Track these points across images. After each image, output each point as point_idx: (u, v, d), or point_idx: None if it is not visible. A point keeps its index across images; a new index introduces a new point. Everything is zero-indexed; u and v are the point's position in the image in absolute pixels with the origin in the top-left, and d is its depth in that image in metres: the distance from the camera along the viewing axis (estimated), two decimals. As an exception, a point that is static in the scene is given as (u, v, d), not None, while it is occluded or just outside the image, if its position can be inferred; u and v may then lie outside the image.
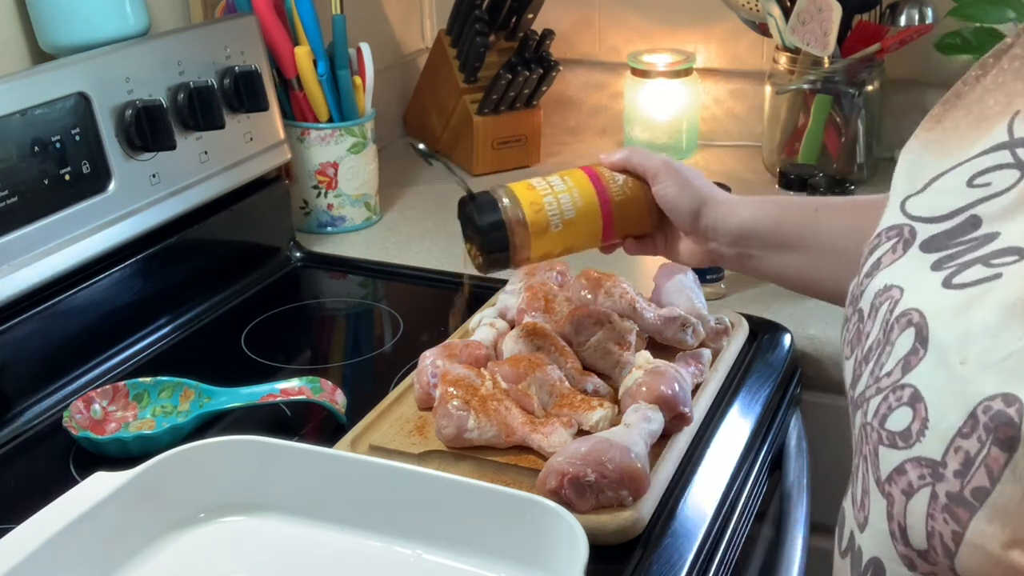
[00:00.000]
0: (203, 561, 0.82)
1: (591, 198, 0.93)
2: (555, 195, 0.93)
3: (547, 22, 1.73)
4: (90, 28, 1.17)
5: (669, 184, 0.93)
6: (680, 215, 0.93)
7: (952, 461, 0.52)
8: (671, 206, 0.93)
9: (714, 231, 0.93)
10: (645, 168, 0.94)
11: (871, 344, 0.61)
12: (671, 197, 0.93)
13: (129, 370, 1.15)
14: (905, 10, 1.57)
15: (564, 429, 0.91)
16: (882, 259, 0.64)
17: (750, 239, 0.92)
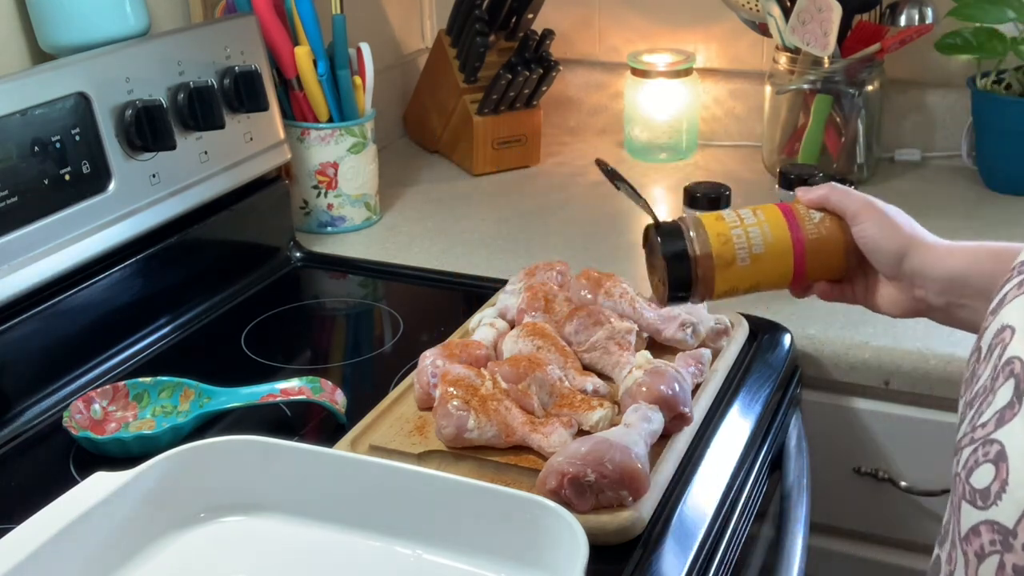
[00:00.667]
0: (203, 561, 0.82)
1: (783, 234, 0.87)
2: (744, 228, 0.87)
3: (547, 22, 1.73)
4: (90, 28, 1.17)
5: (871, 224, 0.85)
6: (883, 258, 0.85)
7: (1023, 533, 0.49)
8: (872, 247, 0.85)
9: (921, 277, 0.84)
10: (845, 206, 0.86)
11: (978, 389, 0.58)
12: (873, 237, 0.85)
13: (129, 370, 1.15)
14: (905, 10, 1.57)
15: (564, 429, 0.91)
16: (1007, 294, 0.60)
17: (963, 288, 0.82)
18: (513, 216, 1.57)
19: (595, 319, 1.04)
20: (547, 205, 1.61)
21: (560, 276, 1.15)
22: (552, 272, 1.15)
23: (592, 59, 1.88)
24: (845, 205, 0.86)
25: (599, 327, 1.04)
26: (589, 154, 1.82)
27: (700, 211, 0.87)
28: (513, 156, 1.74)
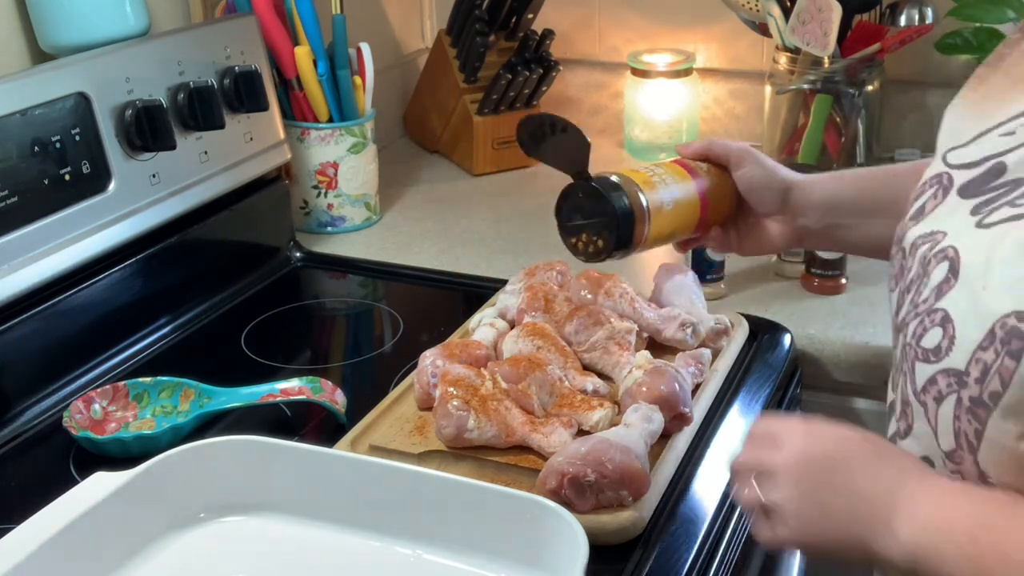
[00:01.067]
0: (203, 561, 0.82)
1: (689, 183, 0.94)
2: (661, 178, 0.92)
3: (547, 22, 1.73)
4: (90, 28, 1.17)
5: (753, 167, 0.94)
6: (768, 195, 0.94)
7: (973, 370, 0.61)
8: (758, 186, 0.94)
9: (803, 206, 0.94)
10: (728, 154, 0.95)
11: (912, 277, 0.70)
12: (757, 177, 0.94)
13: (129, 370, 1.15)
14: (905, 10, 1.57)
15: (564, 429, 0.91)
16: (926, 205, 0.72)
17: (839, 209, 0.93)
18: (513, 216, 1.57)
19: (595, 319, 1.04)
20: (547, 205, 1.59)
21: (560, 276, 1.15)
22: (552, 272, 1.15)
23: (592, 59, 1.88)
24: (728, 152, 0.94)
25: (599, 327, 1.04)
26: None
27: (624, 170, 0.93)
28: (513, 156, 1.74)
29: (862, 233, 0.94)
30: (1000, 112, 0.70)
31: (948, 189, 0.70)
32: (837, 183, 0.95)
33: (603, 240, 0.90)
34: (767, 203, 0.95)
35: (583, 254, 0.94)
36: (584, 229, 0.92)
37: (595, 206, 0.90)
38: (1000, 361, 0.60)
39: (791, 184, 0.94)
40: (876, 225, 0.93)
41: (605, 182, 0.91)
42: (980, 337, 0.61)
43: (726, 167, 0.96)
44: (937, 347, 0.64)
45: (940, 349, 0.64)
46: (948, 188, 0.70)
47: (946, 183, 0.71)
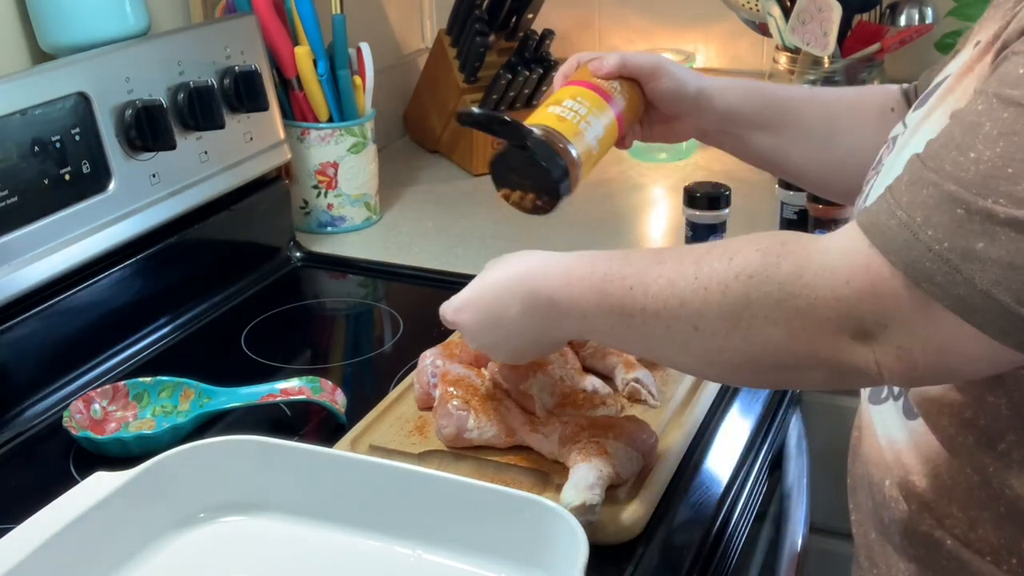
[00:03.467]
0: (203, 561, 0.82)
1: (608, 112, 0.95)
2: (585, 120, 0.94)
3: (547, 22, 1.73)
4: (90, 28, 1.17)
5: (664, 81, 0.97)
6: (677, 105, 0.98)
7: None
8: (673, 96, 0.98)
9: (703, 112, 0.99)
10: (641, 69, 0.98)
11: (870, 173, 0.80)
12: (669, 92, 0.97)
13: (129, 370, 1.15)
14: (905, 10, 1.57)
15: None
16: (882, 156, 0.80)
17: (734, 119, 0.99)
18: (513, 216, 1.56)
19: (595, 319, 1.04)
20: (547, 205, 1.61)
21: (560, 276, 1.15)
22: (552, 272, 1.15)
23: (592, 59, 1.87)
24: (641, 68, 0.97)
25: (599, 327, 1.04)
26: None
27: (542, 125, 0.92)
28: (513, 156, 1.74)
29: (751, 144, 1.01)
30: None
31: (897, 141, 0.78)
32: (740, 96, 0.99)
33: (544, 200, 0.95)
34: (675, 107, 0.99)
35: (521, 208, 0.97)
36: (521, 187, 0.95)
37: (532, 169, 0.92)
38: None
39: (698, 91, 0.98)
40: (761, 139, 1.00)
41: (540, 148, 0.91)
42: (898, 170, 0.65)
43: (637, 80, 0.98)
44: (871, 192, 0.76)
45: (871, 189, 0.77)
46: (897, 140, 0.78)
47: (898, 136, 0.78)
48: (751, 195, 1.57)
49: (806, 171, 1.02)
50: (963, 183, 0.59)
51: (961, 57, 0.75)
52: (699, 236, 1.30)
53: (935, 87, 0.76)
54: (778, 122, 0.99)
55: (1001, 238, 0.58)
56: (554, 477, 0.88)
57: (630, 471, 0.87)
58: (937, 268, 0.60)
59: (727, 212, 1.31)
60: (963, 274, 0.59)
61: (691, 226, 1.31)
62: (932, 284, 0.60)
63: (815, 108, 1.00)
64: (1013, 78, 0.60)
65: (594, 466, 0.84)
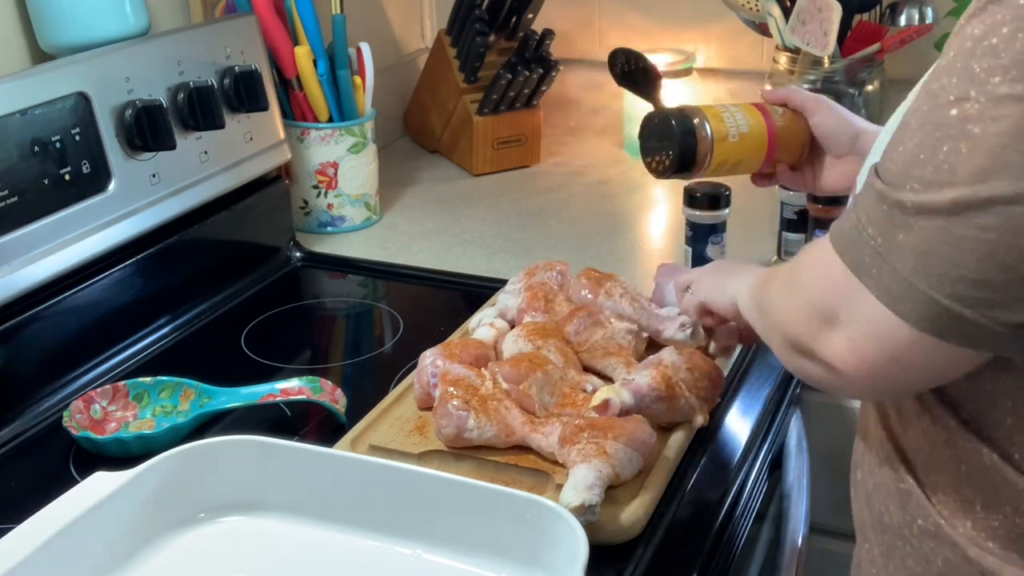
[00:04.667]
0: (203, 561, 0.82)
1: (759, 121, 1.06)
2: (731, 113, 1.06)
3: (547, 22, 1.73)
4: (90, 28, 1.17)
5: (828, 114, 1.05)
6: (840, 138, 1.04)
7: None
8: (831, 132, 1.05)
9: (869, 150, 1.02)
10: (804, 101, 1.06)
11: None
12: (831, 124, 1.05)
13: (129, 370, 1.15)
14: (905, 10, 1.57)
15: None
16: None
17: None
18: (513, 216, 1.57)
19: (595, 319, 1.04)
20: (547, 205, 1.61)
21: (560, 276, 1.15)
22: (552, 272, 1.15)
23: (592, 59, 1.87)
24: (805, 100, 1.07)
25: (599, 327, 1.04)
26: (589, 154, 1.82)
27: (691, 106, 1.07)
28: (513, 156, 1.74)
29: None
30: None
31: None
32: None
33: (669, 159, 1.04)
34: (839, 145, 1.05)
35: (655, 172, 1.07)
36: (657, 150, 1.06)
37: (665, 130, 1.04)
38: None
39: (862, 130, 1.04)
40: None
41: (675, 110, 1.05)
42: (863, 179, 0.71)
43: (802, 113, 1.07)
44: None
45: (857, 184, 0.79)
46: None
47: None
48: (751, 195, 1.56)
49: None
50: (887, 178, 0.64)
51: None
52: (699, 236, 1.30)
53: None
54: None
55: (914, 227, 0.62)
56: (554, 477, 0.88)
57: (630, 471, 0.87)
58: (873, 262, 0.64)
59: (727, 212, 1.31)
60: (888, 264, 0.63)
61: (691, 226, 1.31)
62: (869, 277, 0.65)
63: None
64: (937, 70, 0.63)
65: (594, 466, 0.84)
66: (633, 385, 0.94)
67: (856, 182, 0.80)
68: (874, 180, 0.65)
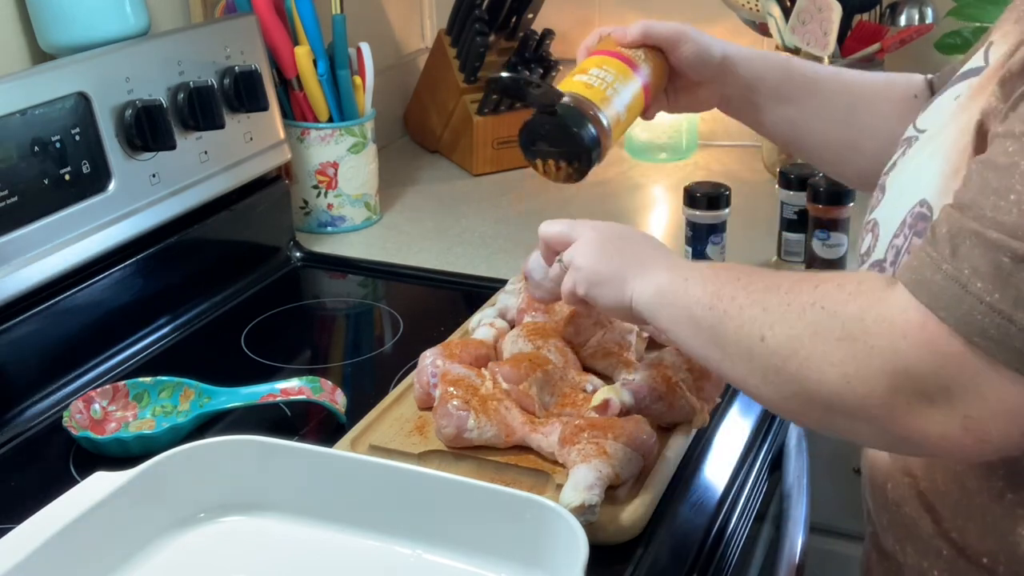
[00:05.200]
0: (203, 561, 0.82)
1: (635, 80, 0.96)
2: (613, 87, 0.94)
3: (547, 22, 1.73)
4: (90, 28, 1.17)
5: (689, 46, 0.97)
6: (702, 70, 0.98)
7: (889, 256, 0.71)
8: (697, 61, 0.97)
9: (728, 78, 0.98)
10: (665, 37, 0.98)
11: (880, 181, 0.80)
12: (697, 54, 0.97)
13: (129, 370, 1.15)
14: (905, 10, 1.57)
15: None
16: (897, 159, 0.79)
17: (758, 88, 0.98)
18: (513, 216, 1.57)
19: (595, 320, 1.04)
20: (547, 205, 1.61)
21: (560, 276, 1.15)
22: (552, 272, 1.15)
23: (592, 59, 1.87)
24: (665, 36, 0.98)
25: (599, 328, 1.04)
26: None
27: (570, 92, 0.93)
28: (513, 156, 1.74)
29: (774, 116, 0.99)
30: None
31: (911, 144, 0.77)
32: (764, 64, 0.99)
33: (576, 167, 0.94)
34: (700, 73, 0.98)
35: (554, 178, 0.96)
36: (551, 156, 0.94)
37: (563, 137, 0.92)
38: (908, 242, 0.68)
39: (723, 56, 0.98)
40: (781, 112, 0.98)
41: (571, 114, 0.91)
42: (894, 229, 0.70)
43: (661, 49, 0.99)
44: (868, 250, 0.75)
45: (869, 250, 0.74)
46: (911, 144, 0.78)
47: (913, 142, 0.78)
48: (751, 195, 1.57)
49: (823, 149, 1.00)
50: (1006, 228, 0.56)
51: (975, 60, 0.74)
52: (699, 236, 1.30)
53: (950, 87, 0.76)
54: (799, 94, 0.98)
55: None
56: (554, 477, 0.88)
57: (630, 471, 0.87)
58: (990, 321, 0.56)
59: (727, 212, 1.31)
60: (1016, 324, 0.55)
61: (691, 226, 1.31)
62: (986, 339, 0.56)
63: (838, 85, 0.99)
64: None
65: (593, 466, 0.84)
66: (633, 385, 0.94)
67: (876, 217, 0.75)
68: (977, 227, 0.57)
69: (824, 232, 1.28)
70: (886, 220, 0.72)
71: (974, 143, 0.65)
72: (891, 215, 0.71)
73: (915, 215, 0.68)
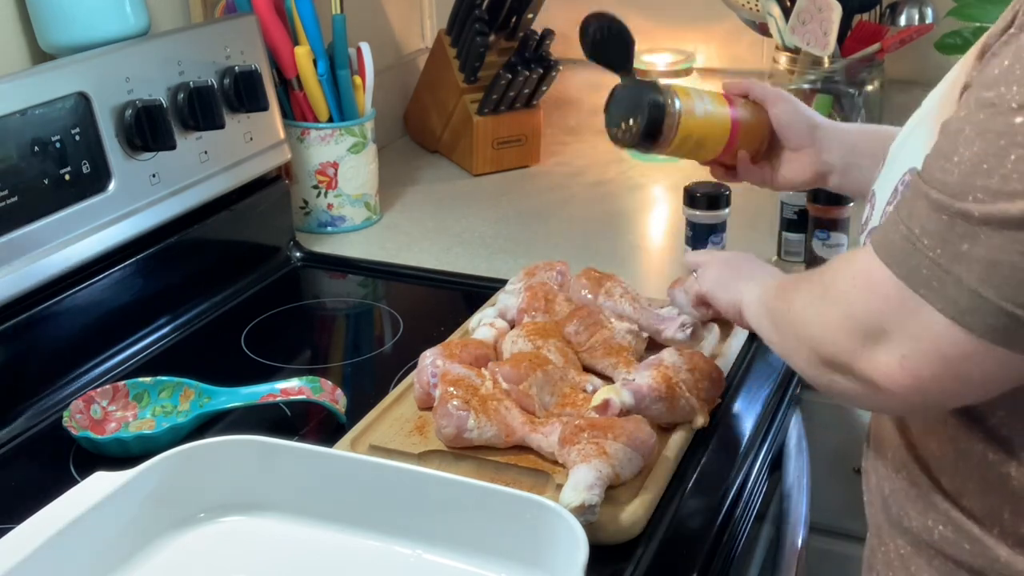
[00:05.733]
0: (203, 561, 0.82)
1: (724, 106, 1.08)
2: (699, 94, 1.07)
3: (547, 22, 1.73)
4: (90, 28, 1.17)
5: (786, 106, 1.07)
6: (797, 129, 1.06)
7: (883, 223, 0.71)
8: (788, 122, 1.07)
9: (827, 144, 1.05)
10: (765, 93, 1.08)
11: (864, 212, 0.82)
12: (789, 114, 1.07)
13: (129, 370, 1.15)
14: (905, 10, 1.57)
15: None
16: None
17: (857, 150, 1.04)
18: (513, 216, 1.57)
19: (595, 319, 1.04)
20: (547, 205, 1.61)
21: (560, 276, 1.15)
22: (552, 272, 1.15)
23: (592, 59, 1.87)
24: (765, 93, 1.09)
25: (599, 327, 1.04)
26: (589, 154, 1.82)
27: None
28: (513, 156, 1.74)
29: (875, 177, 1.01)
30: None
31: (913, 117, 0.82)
32: (858, 130, 1.07)
33: (635, 125, 1.05)
34: (796, 136, 1.06)
35: (619, 140, 1.08)
36: (624, 119, 1.06)
37: (633, 98, 1.05)
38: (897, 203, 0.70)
39: (818, 123, 1.06)
40: None
41: (645, 80, 1.07)
42: (887, 197, 0.73)
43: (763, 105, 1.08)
44: (866, 219, 0.78)
45: (867, 220, 0.78)
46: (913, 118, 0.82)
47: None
48: (751, 195, 1.56)
49: None
50: (946, 189, 0.62)
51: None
52: (699, 236, 1.30)
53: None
54: None
55: (981, 237, 0.60)
56: (554, 477, 0.88)
57: (630, 471, 0.87)
58: (932, 274, 0.62)
59: (727, 212, 1.31)
60: (952, 275, 0.61)
61: (691, 226, 1.31)
62: (928, 289, 0.62)
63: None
64: (990, 79, 0.62)
65: (594, 466, 0.84)
66: (633, 385, 0.94)
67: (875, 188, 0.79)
68: (927, 189, 0.63)
69: (824, 232, 1.28)
70: (881, 189, 0.76)
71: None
72: (885, 184, 0.75)
73: (905, 183, 0.71)
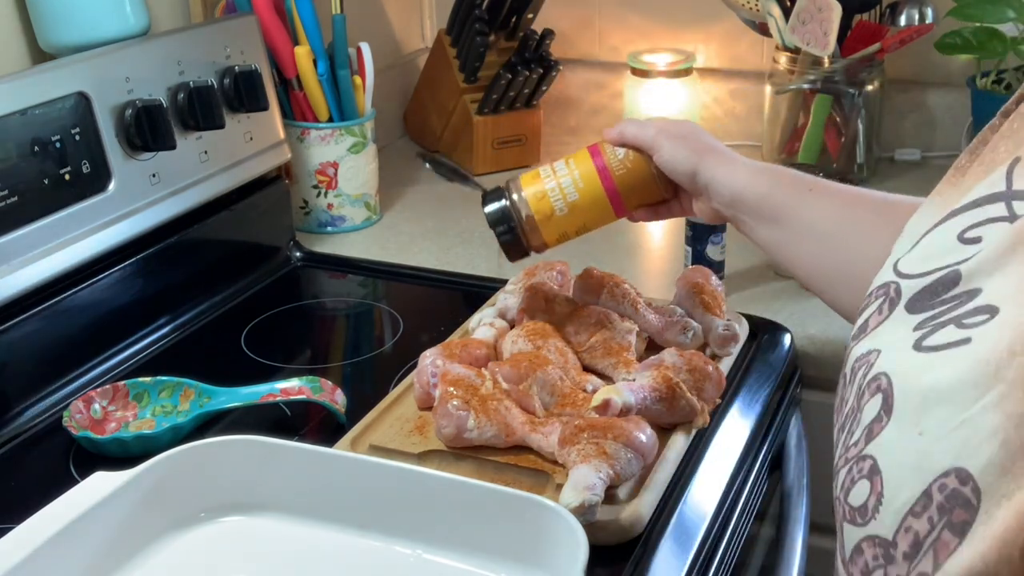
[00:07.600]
0: (203, 561, 0.82)
1: (593, 178, 0.97)
2: (557, 180, 0.98)
3: (547, 22, 1.73)
4: (90, 28, 1.17)
5: (665, 151, 0.95)
6: (681, 178, 0.95)
7: (902, 542, 0.49)
8: (670, 170, 0.95)
9: (712, 192, 0.94)
10: (641, 140, 0.96)
11: (847, 411, 0.59)
12: (669, 162, 0.95)
13: (129, 370, 1.15)
14: (905, 10, 1.57)
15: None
16: (869, 321, 0.61)
17: (741, 205, 0.93)
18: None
19: (595, 319, 1.04)
20: (547, 205, 1.61)
21: (560, 276, 1.15)
22: (552, 272, 1.15)
23: (592, 59, 1.88)
24: (641, 139, 0.96)
25: (599, 327, 1.04)
26: (589, 154, 1.82)
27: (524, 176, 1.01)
28: (513, 156, 1.74)
29: (759, 236, 0.94)
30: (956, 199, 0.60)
31: (896, 303, 0.59)
32: (747, 179, 0.93)
33: (497, 235, 1.00)
34: (683, 183, 0.96)
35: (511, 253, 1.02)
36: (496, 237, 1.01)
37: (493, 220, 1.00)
38: (936, 535, 0.47)
39: (700, 167, 0.94)
40: (770, 233, 0.92)
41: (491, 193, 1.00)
42: (912, 498, 0.49)
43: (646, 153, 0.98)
44: (864, 506, 0.53)
45: (867, 509, 0.53)
46: (896, 301, 0.59)
47: (893, 295, 0.60)
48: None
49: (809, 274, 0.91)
50: None
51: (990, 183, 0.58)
52: (699, 236, 1.30)
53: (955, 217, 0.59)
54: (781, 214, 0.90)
55: None
56: (554, 477, 0.88)
57: (630, 471, 0.87)
58: None
59: (727, 212, 1.30)
60: None
61: (691, 226, 1.31)
62: None
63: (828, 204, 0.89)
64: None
65: (594, 466, 0.84)
66: (633, 385, 0.94)
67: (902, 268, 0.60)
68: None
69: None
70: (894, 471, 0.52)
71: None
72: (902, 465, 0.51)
73: (948, 493, 0.47)
